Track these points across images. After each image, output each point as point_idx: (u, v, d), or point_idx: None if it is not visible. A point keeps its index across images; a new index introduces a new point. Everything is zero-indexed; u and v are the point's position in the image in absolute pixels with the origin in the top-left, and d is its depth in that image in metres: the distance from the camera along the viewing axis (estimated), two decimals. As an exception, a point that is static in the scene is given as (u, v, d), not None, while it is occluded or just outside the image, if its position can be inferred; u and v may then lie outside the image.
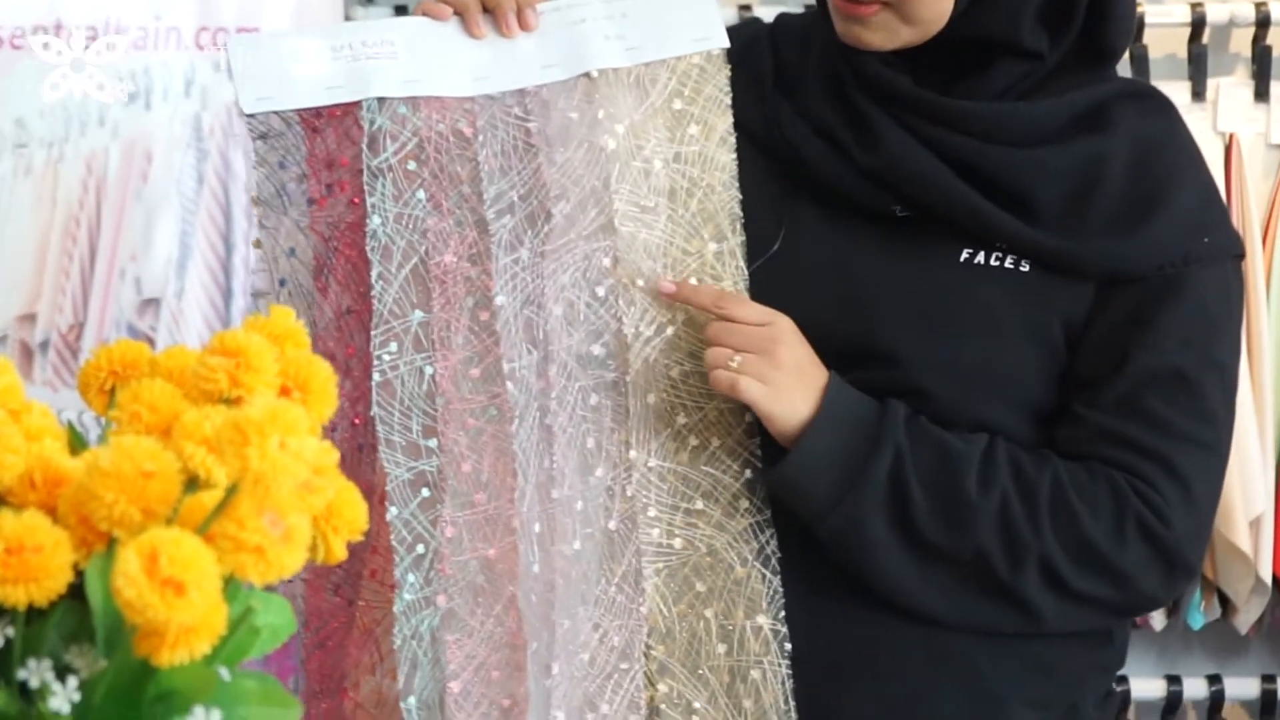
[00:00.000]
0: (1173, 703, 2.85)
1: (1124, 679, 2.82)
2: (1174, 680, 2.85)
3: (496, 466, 1.57)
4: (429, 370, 1.56)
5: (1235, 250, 1.63)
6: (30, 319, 1.61)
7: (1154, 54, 2.80)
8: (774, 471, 1.57)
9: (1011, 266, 1.58)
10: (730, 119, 1.64)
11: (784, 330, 1.56)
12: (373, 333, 1.55)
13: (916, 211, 1.60)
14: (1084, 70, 1.61)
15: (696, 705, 1.59)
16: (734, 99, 1.66)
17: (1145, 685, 2.84)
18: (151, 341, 1.71)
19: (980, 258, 1.58)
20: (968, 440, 1.56)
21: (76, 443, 1.01)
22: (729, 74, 1.65)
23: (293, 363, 1.00)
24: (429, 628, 1.54)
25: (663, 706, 1.60)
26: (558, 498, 1.58)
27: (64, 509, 0.92)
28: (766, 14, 1.91)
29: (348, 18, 2.62)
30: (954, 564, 1.55)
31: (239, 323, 1.54)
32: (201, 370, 0.97)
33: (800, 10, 2.02)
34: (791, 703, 1.58)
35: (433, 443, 1.55)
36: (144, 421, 0.97)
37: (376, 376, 1.54)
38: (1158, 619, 2.75)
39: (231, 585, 0.91)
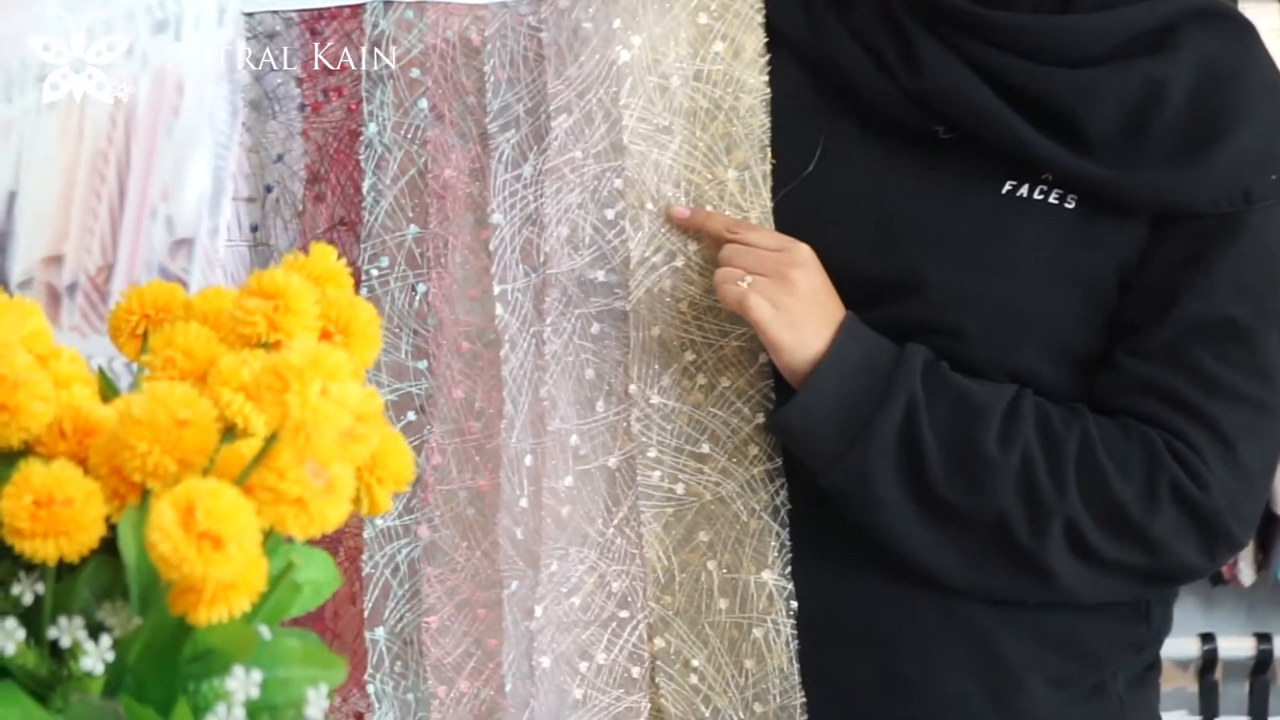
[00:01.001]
0: (1263, 661, 2.82)
1: (1211, 637, 2.80)
2: (1264, 638, 2.81)
3: (491, 394, 1.56)
4: (422, 288, 1.56)
5: None
6: (57, 261, 1.61)
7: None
8: (777, 414, 1.54)
9: (1056, 202, 1.54)
10: (761, 38, 1.61)
11: (802, 256, 1.53)
12: (362, 245, 1.55)
13: (960, 134, 1.56)
14: None
15: (695, 663, 1.57)
16: (779, 12, 1.62)
17: (1234, 643, 2.82)
18: (184, 284, 1.71)
19: (1024, 191, 1.55)
20: (992, 390, 1.52)
21: (108, 390, 1.01)
22: None
23: (334, 305, 0.99)
24: (406, 558, 1.55)
25: (659, 662, 1.57)
26: (552, 430, 1.56)
27: (95, 459, 0.92)
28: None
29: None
30: (971, 525, 1.51)
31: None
32: (238, 313, 0.96)
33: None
34: (795, 666, 1.55)
35: (423, 364, 1.56)
36: (178, 367, 0.97)
37: (364, 291, 1.54)
38: (1247, 573, 2.72)
39: (271, 539, 0.90)
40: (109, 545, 0.91)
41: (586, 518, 1.57)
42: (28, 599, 0.91)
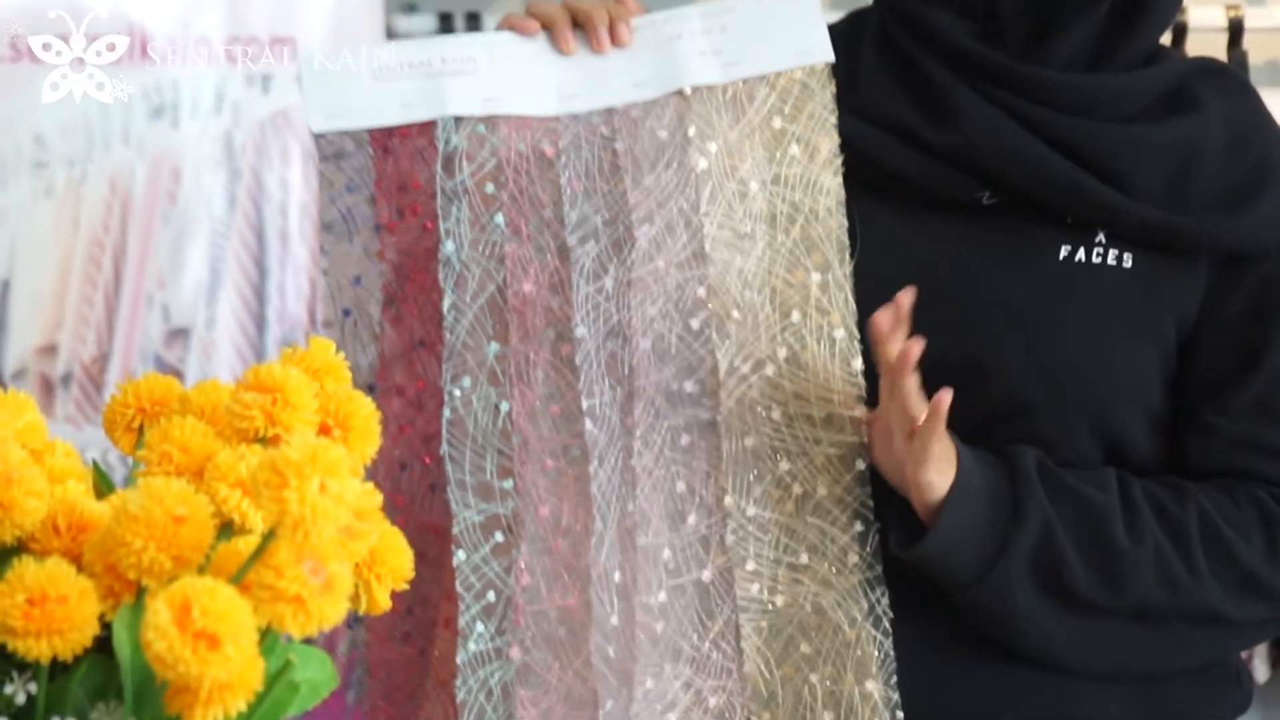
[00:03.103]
0: (1279, 762, 2.82)
1: (1225, 735, 2.79)
2: (1279, 737, 2.82)
3: (578, 511, 1.55)
4: (505, 407, 1.55)
5: None
6: (51, 350, 1.62)
7: (1255, 60, 2.79)
8: (914, 550, 1.53)
9: (1114, 264, 1.56)
10: (835, 139, 1.60)
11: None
12: (444, 366, 1.55)
13: (1006, 197, 1.56)
14: (1129, 37, 1.57)
15: None
16: None
17: (1247, 746, 2.81)
18: (180, 374, 1.71)
19: (1081, 255, 1.56)
20: (1097, 481, 1.53)
21: (102, 485, 1.01)
22: (834, 91, 1.60)
23: (333, 399, 0.99)
24: (499, 681, 1.54)
25: None
26: (643, 545, 1.56)
27: (89, 556, 0.92)
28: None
29: (388, 27, 2.64)
30: (1112, 618, 1.53)
31: (274, 354, 1.54)
32: (235, 407, 0.97)
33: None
34: None
35: (508, 484, 1.54)
36: (174, 462, 0.97)
37: (447, 413, 1.53)
38: (1261, 670, 2.72)
39: (269, 638, 0.90)
40: (103, 644, 0.91)
41: (680, 633, 1.56)
42: (20, 699, 0.91)
